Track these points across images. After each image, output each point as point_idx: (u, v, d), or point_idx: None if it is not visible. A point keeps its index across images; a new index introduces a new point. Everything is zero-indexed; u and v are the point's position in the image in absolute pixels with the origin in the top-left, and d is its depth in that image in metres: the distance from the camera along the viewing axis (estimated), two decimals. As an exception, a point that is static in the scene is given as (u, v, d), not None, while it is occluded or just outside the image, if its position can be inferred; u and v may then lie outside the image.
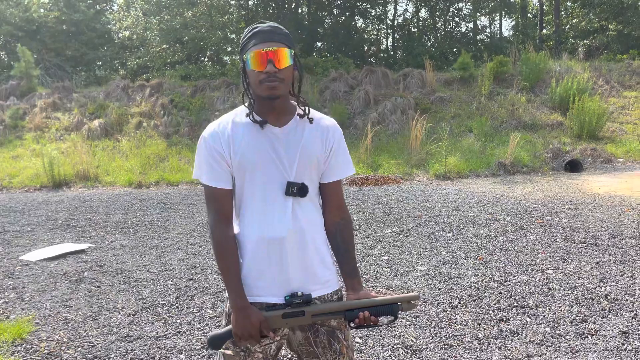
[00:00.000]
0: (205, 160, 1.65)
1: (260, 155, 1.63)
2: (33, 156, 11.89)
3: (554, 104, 13.01)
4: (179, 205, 7.89)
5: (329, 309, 1.64)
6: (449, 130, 11.44)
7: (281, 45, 1.59)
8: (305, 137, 1.69)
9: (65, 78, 17.96)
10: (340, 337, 1.73)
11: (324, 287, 1.72)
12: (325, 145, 1.73)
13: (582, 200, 7.23)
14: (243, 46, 1.63)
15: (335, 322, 1.73)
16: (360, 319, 1.62)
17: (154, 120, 13.93)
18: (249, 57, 1.59)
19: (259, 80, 1.59)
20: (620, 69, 14.95)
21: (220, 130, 1.66)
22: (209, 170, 1.65)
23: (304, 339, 1.71)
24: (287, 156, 1.65)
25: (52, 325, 3.54)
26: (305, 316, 1.62)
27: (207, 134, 1.66)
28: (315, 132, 1.72)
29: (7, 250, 5.58)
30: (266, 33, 1.60)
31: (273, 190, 1.64)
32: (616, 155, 10.80)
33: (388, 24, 23.47)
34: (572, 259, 4.67)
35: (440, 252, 5.00)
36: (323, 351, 1.71)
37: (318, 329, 1.70)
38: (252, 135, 1.64)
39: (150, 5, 20.00)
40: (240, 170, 1.64)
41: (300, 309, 1.62)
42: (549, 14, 23.39)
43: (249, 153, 1.63)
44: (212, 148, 1.64)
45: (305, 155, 1.67)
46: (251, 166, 1.63)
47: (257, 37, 1.60)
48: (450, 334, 3.25)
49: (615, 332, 3.19)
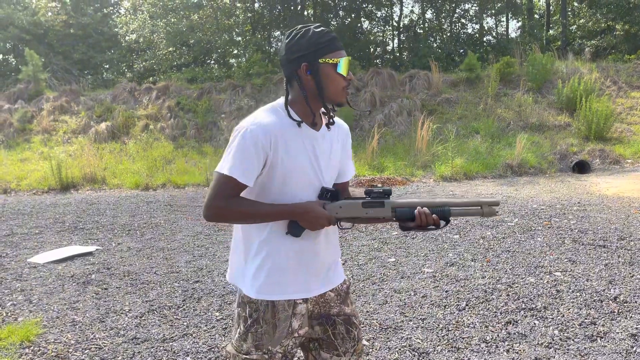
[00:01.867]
0: (248, 155, 1.56)
1: (301, 158, 1.63)
2: (41, 159, 11.96)
3: (561, 105, 12.94)
4: (185, 208, 7.91)
5: (409, 204, 1.65)
6: (456, 132, 11.41)
7: None
8: (333, 143, 1.74)
9: (73, 81, 18.08)
10: (356, 322, 1.81)
11: (337, 278, 1.82)
12: (344, 149, 1.81)
13: (590, 202, 7.18)
14: (321, 47, 1.59)
15: (349, 309, 1.80)
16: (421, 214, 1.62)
17: (160, 123, 13.99)
18: (342, 61, 1.60)
19: (342, 87, 1.62)
20: (628, 70, 14.84)
21: (270, 125, 1.59)
22: (244, 161, 1.56)
23: (322, 333, 1.76)
24: (323, 161, 1.69)
25: (59, 328, 3.55)
26: (385, 207, 1.65)
27: (254, 125, 1.57)
28: (338, 137, 1.78)
29: (15, 252, 5.61)
30: (340, 42, 1.63)
31: (309, 193, 1.67)
32: (624, 156, 10.72)
33: (394, 26, 23.45)
34: (581, 260, 4.63)
35: (447, 254, 4.98)
36: (342, 342, 1.76)
37: (335, 320, 1.76)
38: (295, 138, 1.63)
39: (157, 8, 20.10)
40: (281, 169, 1.61)
41: (380, 199, 1.65)
42: (556, 15, 23.29)
43: (293, 156, 1.61)
44: (257, 140, 1.55)
45: (333, 162, 1.74)
46: (293, 167, 1.62)
47: (338, 43, 1.62)
48: (457, 336, 3.23)
49: (625, 334, 3.16)
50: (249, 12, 21.93)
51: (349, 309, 1.80)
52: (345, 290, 1.82)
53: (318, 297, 1.75)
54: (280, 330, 1.67)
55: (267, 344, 1.66)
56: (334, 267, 1.80)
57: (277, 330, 1.66)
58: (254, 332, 1.67)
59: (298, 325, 1.69)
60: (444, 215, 1.64)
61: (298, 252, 1.68)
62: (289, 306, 1.67)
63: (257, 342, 1.66)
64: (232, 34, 20.85)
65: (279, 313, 1.67)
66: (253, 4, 21.97)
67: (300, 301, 1.70)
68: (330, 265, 1.78)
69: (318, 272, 1.72)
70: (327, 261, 1.76)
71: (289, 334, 1.68)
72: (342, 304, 1.79)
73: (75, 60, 21.82)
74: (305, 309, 1.71)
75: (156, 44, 20.67)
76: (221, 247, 5.56)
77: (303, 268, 1.68)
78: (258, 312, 1.67)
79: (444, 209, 1.64)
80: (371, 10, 22.89)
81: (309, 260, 1.69)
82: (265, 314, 1.66)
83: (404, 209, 1.65)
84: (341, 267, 1.85)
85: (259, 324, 1.66)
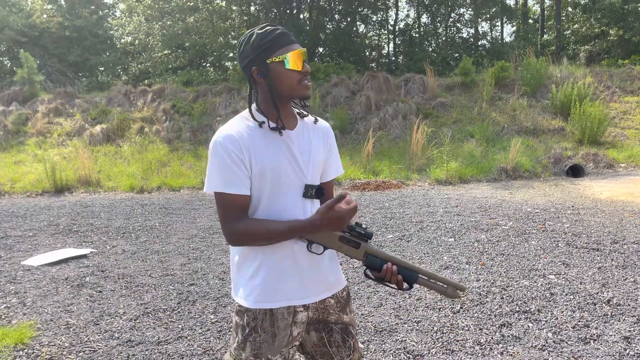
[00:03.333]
0: (226, 166, 1.55)
1: (279, 159, 1.60)
2: (35, 161, 11.90)
3: (555, 109, 13.01)
4: (180, 210, 7.90)
5: (383, 255, 1.63)
6: (451, 136, 11.44)
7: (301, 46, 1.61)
8: (312, 140, 1.70)
9: (68, 83, 18.05)
10: (353, 332, 1.76)
11: (338, 283, 1.76)
12: (325, 147, 1.75)
13: (584, 206, 7.22)
14: (265, 48, 1.56)
15: (348, 318, 1.75)
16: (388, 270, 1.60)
17: (155, 126, 13.96)
18: (289, 56, 1.55)
19: (297, 81, 1.57)
20: (622, 75, 14.95)
21: (237, 135, 1.57)
22: (231, 176, 1.55)
23: (318, 340, 1.71)
24: (302, 159, 1.65)
25: (53, 330, 3.54)
26: (359, 250, 1.62)
27: (223, 138, 1.56)
28: (318, 135, 1.73)
29: (9, 255, 5.59)
30: (288, 35, 1.59)
31: (293, 194, 1.63)
32: (618, 161, 10.79)
33: (389, 30, 23.56)
34: (574, 264, 4.66)
35: (442, 257, 5.00)
36: (337, 350, 1.72)
37: (332, 327, 1.72)
38: (269, 140, 1.60)
39: (153, 11, 20.10)
40: (261, 176, 1.58)
41: (358, 240, 1.62)
42: (550, 20, 23.44)
43: (270, 158, 1.59)
44: (232, 153, 1.55)
45: (316, 158, 1.69)
46: (271, 171, 1.59)
47: (284, 38, 1.57)
48: (452, 339, 3.25)
49: (618, 337, 3.18)
50: (244, 15, 21.97)
51: (347, 317, 1.75)
52: (345, 297, 1.78)
53: (318, 304, 1.71)
54: (280, 338, 1.63)
55: (267, 352, 1.62)
56: (333, 272, 1.74)
57: (276, 339, 1.62)
58: (252, 341, 1.63)
59: (297, 332, 1.66)
60: (409, 279, 1.62)
61: (293, 256, 1.63)
62: (289, 314, 1.63)
63: (255, 351, 1.62)
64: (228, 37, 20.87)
65: (278, 321, 1.62)
66: (249, 7, 22.01)
67: (301, 309, 1.66)
68: (329, 269, 1.72)
69: (316, 276, 1.67)
70: (325, 264, 1.70)
71: (289, 342, 1.64)
72: (341, 312, 1.75)
73: (70, 63, 21.79)
74: (306, 317, 1.67)
75: (151, 46, 20.66)
76: (216, 250, 5.55)
77: (300, 273, 1.63)
78: (256, 320, 1.63)
79: (412, 273, 1.63)
80: (367, 14, 22.99)
81: (305, 264, 1.64)
82: (263, 323, 1.62)
83: (375, 258, 1.63)
84: (341, 271, 1.79)
85: (257, 332, 1.62)
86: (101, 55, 22.92)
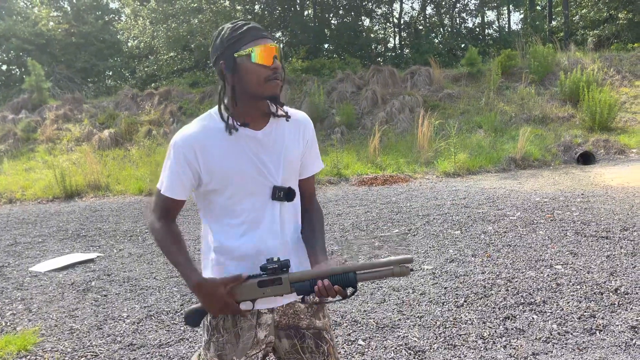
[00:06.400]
0: (172, 170, 1.55)
1: (241, 162, 1.54)
2: (45, 168, 12.02)
3: (564, 96, 12.82)
4: (187, 212, 7.91)
5: (308, 275, 1.50)
6: (458, 127, 11.34)
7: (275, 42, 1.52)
8: (287, 139, 1.62)
9: (76, 89, 18.20)
10: (327, 337, 1.70)
11: None
12: (302, 141, 1.67)
13: (594, 193, 7.11)
14: (234, 42, 1.49)
15: (321, 323, 1.69)
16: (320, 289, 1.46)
17: (163, 128, 14.03)
18: (256, 50, 1.47)
19: (264, 78, 1.48)
20: (632, 59, 14.68)
21: (193, 136, 1.53)
22: (173, 179, 1.56)
23: (290, 347, 1.66)
24: (271, 160, 1.57)
25: (57, 336, 3.56)
26: (283, 285, 1.50)
27: (179, 140, 1.54)
28: (294, 130, 1.65)
29: (18, 262, 5.64)
30: (260, 30, 1.52)
31: (259, 195, 1.57)
32: (629, 146, 10.61)
33: (394, 23, 23.42)
34: (582, 253, 4.58)
35: (448, 251, 4.94)
36: (311, 356, 1.66)
37: (304, 333, 1.66)
38: (230, 142, 1.54)
39: (157, 14, 20.17)
40: (221, 180, 1.54)
41: (277, 275, 1.50)
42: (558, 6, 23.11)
43: (229, 161, 1.53)
44: (182, 155, 1.53)
45: (289, 158, 1.61)
46: (233, 175, 1.53)
47: (254, 32, 1.50)
48: (454, 333, 3.20)
49: (624, 327, 3.12)
50: (248, 15, 21.96)
51: (320, 322, 1.68)
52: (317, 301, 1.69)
53: (286, 307, 1.64)
54: (244, 340, 1.59)
55: (231, 354, 1.58)
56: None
57: (240, 340, 1.58)
58: (215, 342, 1.60)
59: (264, 335, 1.61)
60: (349, 283, 1.48)
61: (250, 257, 1.57)
62: (252, 315, 1.59)
63: (219, 352, 1.59)
64: (233, 37, 20.86)
65: (240, 322, 1.59)
66: (253, 6, 22.00)
67: (265, 310, 1.61)
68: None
69: None
70: (292, 269, 1.60)
71: (255, 344, 1.60)
72: (313, 317, 1.68)
73: (77, 69, 21.97)
74: (272, 319, 1.62)
75: (157, 49, 20.75)
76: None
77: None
78: (217, 319, 1.60)
79: (347, 276, 1.48)
80: (371, 8, 22.87)
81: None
82: (225, 322, 1.59)
83: (302, 283, 1.50)
84: None
85: (219, 332, 1.60)
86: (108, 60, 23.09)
